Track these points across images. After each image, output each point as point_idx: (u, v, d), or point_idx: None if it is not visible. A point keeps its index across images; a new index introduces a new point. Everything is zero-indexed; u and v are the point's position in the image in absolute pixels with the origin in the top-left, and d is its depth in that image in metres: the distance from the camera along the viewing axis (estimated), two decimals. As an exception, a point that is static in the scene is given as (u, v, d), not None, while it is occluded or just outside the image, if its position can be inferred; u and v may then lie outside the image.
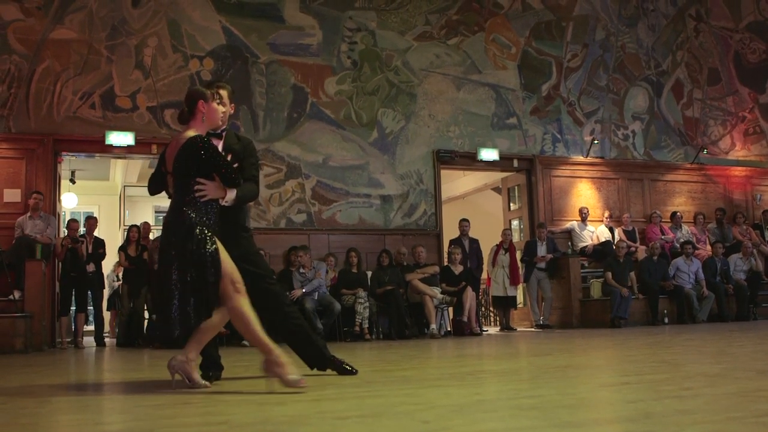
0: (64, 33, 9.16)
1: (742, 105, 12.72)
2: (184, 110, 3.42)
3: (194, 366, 3.24)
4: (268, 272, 3.75)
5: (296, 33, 10.12)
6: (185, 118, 3.42)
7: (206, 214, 3.25)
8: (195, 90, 3.51)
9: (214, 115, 3.45)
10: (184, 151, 3.27)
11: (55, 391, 3.45)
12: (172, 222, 3.27)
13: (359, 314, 8.49)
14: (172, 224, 3.26)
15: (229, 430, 2.10)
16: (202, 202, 3.25)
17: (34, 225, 8.36)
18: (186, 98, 3.46)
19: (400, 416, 2.29)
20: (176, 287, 3.14)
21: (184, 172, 3.28)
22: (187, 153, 3.26)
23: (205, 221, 3.22)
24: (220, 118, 3.53)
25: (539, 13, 11.56)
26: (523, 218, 11.28)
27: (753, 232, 11.72)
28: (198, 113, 3.39)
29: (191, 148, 3.26)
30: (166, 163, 3.39)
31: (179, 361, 3.19)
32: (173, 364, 3.19)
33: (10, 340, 7.27)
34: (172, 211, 3.29)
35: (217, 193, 3.29)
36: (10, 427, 2.27)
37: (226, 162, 3.32)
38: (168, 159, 3.37)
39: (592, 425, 2.09)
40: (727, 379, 3.06)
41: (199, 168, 3.26)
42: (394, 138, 10.35)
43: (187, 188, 3.26)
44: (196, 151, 3.25)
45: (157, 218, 14.42)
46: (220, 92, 3.62)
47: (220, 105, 3.55)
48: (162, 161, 3.46)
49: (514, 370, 4.06)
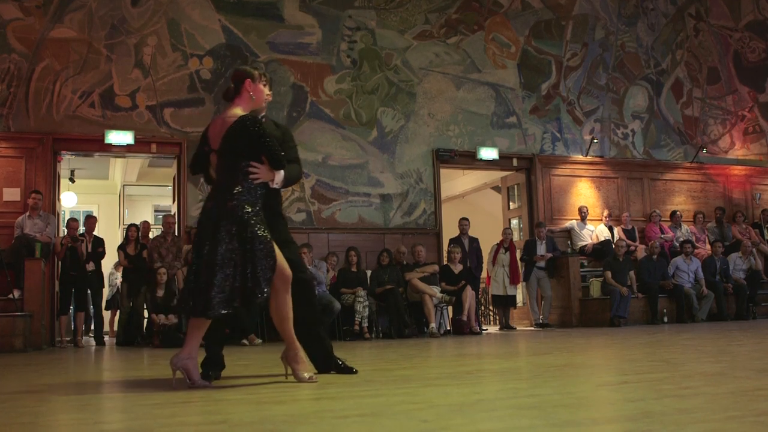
0: (64, 32, 9.16)
1: (741, 104, 12.73)
2: (231, 87, 3.43)
3: (196, 364, 3.24)
4: (302, 262, 3.80)
5: (296, 32, 10.12)
6: (230, 95, 3.42)
7: (254, 197, 3.22)
8: (243, 69, 3.51)
9: (260, 95, 3.47)
10: (234, 130, 3.22)
11: (54, 390, 3.45)
12: (218, 205, 3.20)
13: (359, 313, 8.49)
14: (218, 207, 3.19)
15: (229, 429, 2.10)
16: (251, 185, 3.21)
17: (34, 224, 8.36)
18: (233, 76, 3.47)
19: (400, 415, 2.29)
20: (221, 267, 3.09)
21: (232, 152, 3.23)
22: (237, 132, 3.21)
23: (254, 203, 3.20)
24: (264, 100, 3.53)
25: (539, 12, 11.56)
26: (522, 217, 11.28)
27: (752, 231, 11.73)
28: (244, 92, 3.39)
29: (242, 127, 3.21)
30: (210, 142, 3.35)
31: (181, 358, 3.18)
32: (175, 362, 3.18)
33: (9, 339, 7.27)
34: (219, 193, 3.24)
35: (268, 175, 3.27)
36: (9, 427, 2.27)
37: (274, 142, 3.29)
38: (213, 138, 3.33)
39: (591, 424, 2.09)
40: (727, 378, 3.06)
41: (250, 148, 3.22)
42: (393, 137, 10.35)
43: (235, 170, 3.21)
44: (246, 130, 3.20)
45: (156, 217, 14.41)
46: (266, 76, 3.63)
47: (265, 87, 3.54)
48: (204, 140, 3.42)
49: (514, 369, 4.06)
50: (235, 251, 3.12)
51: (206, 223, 3.21)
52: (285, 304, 3.33)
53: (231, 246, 3.12)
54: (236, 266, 3.11)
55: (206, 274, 3.11)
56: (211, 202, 3.26)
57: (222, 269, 3.09)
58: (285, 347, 3.42)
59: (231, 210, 3.15)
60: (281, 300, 3.31)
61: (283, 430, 2.07)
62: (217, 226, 3.15)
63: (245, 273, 3.11)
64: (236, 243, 3.13)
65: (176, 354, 3.21)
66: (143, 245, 9.07)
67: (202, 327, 3.23)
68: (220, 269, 3.09)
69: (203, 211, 3.30)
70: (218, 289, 3.08)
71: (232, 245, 3.12)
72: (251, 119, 3.25)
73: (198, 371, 3.25)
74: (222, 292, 3.08)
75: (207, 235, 3.17)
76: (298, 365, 3.34)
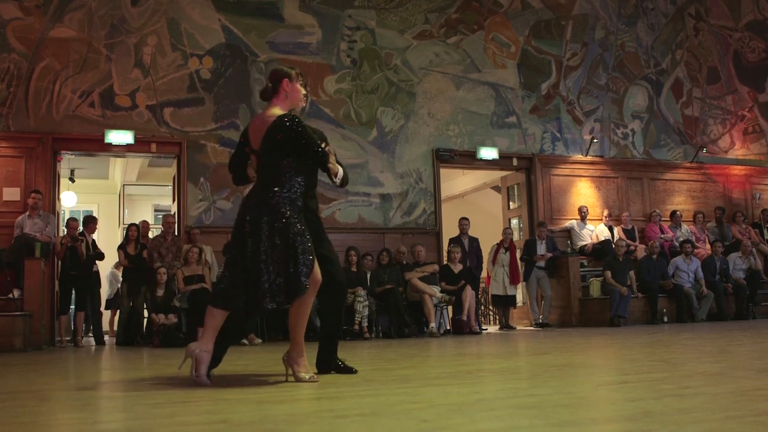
0: (64, 31, 9.16)
1: (741, 104, 12.73)
2: (268, 87, 3.46)
3: (209, 358, 3.25)
4: (337, 260, 3.84)
5: (295, 32, 10.12)
6: (268, 94, 3.45)
7: (294, 195, 3.26)
8: (281, 68, 3.54)
9: (297, 95, 3.49)
10: (274, 129, 3.24)
11: (54, 390, 3.45)
12: (259, 202, 3.23)
13: (359, 313, 8.49)
14: (259, 204, 3.22)
15: (229, 429, 2.10)
16: (292, 184, 3.25)
17: (34, 224, 8.36)
18: (271, 75, 3.50)
19: (400, 415, 2.29)
20: (265, 264, 3.15)
21: (272, 151, 3.25)
22: (277, 131, 3.23)
23: (293, 201, 3.24)
24: (301, 99, 3.55)
25: (539, 11, 11.56)
26: (522, 217, 11.28)
27: (752, 231, 11.73)
28: (282, 91, 3.43)
29: (281, 126, 3.24)
30: (251, 143, 3.37)
31: (200, 348, 3.19)
32: (192, 349, 3.20)
33: (9, 339, 7.27)
34: (260, 191, 3.27)
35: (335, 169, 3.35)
36: (9, 426, 2.27)
37: (316, 141, 3.31)
38: (253, 138, 3.35)
39: (591, 424, 2.09)
40: (727, 378, 3.06)
41: (290, 147, 3.24)
42: (393, 137, 10.35)
43: (276, 168, 3.24)
44: (287, 129, 3.23)
45: (156, 217, 14.41)
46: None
47: (302, 87, 3.56)
48: (245, 141, 3.44)
49: (514, 368, 4.06)
50: (277, 248, 3.17)
51: (249, 219, 3.24)
52: (307, 306, 3.34)
53: (273, 243, 3.17)
54: (279, 263, 3.16)
55: (253, 270, 3.16)
56: (253, 199, 3.30)
57: (266, 266, 3.14)
58: (289, 348, 3.41)
59: (272, 208, 3.20)
60: (306, 301, 3.32)
61: (283, 430, 2.07)
62: (259, 223, 3.19)
63: (288, 270, 3.16)
64: (278, 240, 3.17)
65: (196, 342, 3.24)
66: (143, 245, 9.06)
67: (220, 320, 3.26)
68: (264, 266, 3.14)
69: (244, 207, 3.32)
70: (266, 284, 3.13)
71: (273, 242, 3.17)
72: (291, 117, 3.28)
73: (205, 367, 3.26)
74: (270, 288, 3.14)
75: (249, 233, 3.21)
76: (299, 367, 3.35)
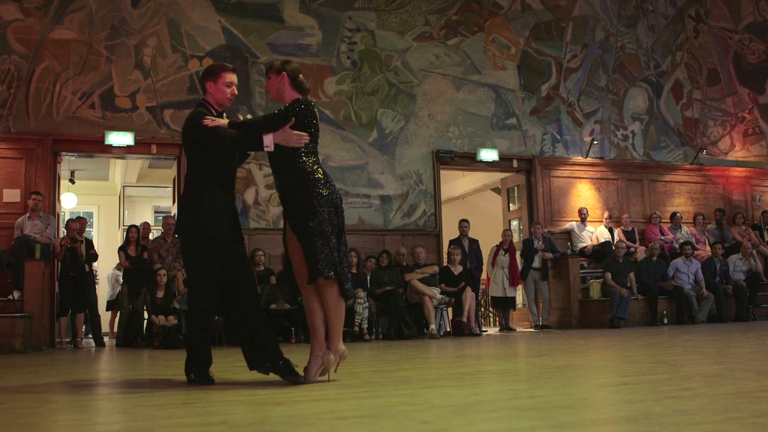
0: (64, 33, 9.16)
1: (741, 105, 12.73)
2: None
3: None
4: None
5: (296, 33, 10.13)
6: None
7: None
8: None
9: (221, 94, 3.75)
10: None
11: (54, 391, 3.45)
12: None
13: (358, 314, 8.49)
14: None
15: (228, 430, 2.10)
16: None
17: (34, 225, 8.36)
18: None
19: (399, 416, 2.29)
20: (317, 236, 3.35)
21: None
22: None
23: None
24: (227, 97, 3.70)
25: (539, 13, 11.57)
26: (522, 219, 11.28)
27: (752, 233, 11.73)
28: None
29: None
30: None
31: (342, 348, 3.46)
32: (340, 349, 3.47)
33: (9, 340, 7.27)
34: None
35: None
36: (9, 427, 2.27)
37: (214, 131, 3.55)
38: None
39: (590, 426, 2.09)
40: (726, 380, 3.06)
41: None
42: (393, 138, 10.35)
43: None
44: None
45: (156, 218, 14.41)
46: None
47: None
48: None
49: (513, 370, 4.06)
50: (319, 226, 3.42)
51: (296, 199, 3.45)
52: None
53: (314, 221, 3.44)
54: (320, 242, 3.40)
55: (309, 246, 3.39)
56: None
57: (315, 241, 3.38)
58: (329, 342, 3.47)
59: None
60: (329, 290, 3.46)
61: (282, 431, 2.07)
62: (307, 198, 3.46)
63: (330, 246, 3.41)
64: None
65: (328, 344, 3.45)
66: (144, 246, 9.06)
67: (342, 310, 3.54)
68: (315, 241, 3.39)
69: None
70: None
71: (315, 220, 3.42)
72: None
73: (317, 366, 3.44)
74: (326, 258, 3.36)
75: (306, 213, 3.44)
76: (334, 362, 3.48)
